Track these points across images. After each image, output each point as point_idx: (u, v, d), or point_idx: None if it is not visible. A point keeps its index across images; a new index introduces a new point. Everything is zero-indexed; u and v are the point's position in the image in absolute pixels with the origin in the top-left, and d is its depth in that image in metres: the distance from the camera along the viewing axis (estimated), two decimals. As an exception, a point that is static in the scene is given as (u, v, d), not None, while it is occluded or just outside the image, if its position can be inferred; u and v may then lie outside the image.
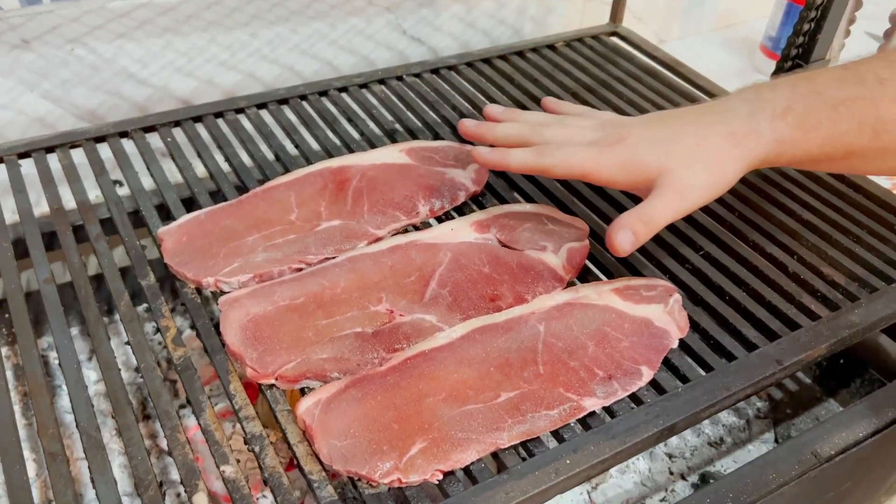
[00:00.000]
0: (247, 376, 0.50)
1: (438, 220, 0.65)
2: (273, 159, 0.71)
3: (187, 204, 0.65)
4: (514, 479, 0.45)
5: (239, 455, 0.64)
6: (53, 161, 0.67)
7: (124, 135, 0.71)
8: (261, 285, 0.56)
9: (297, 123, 0.75)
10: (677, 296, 0.57)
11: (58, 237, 0.61)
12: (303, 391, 0.50)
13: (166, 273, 0.58)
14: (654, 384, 0.52)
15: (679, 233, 0.64)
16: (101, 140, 0.70)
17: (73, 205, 0.64)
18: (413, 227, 0.63)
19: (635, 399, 0.51)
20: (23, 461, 0.46)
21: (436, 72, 0.83)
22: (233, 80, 0.85)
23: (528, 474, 0.46)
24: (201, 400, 0.49)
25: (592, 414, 0.50)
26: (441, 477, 0.45)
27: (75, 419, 0.48)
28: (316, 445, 0.46)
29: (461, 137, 0.64)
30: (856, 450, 0.57)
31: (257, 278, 0.56)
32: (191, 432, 0.67)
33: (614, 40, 0.92)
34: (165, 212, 0.64)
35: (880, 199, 0.69)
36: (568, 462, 0.46)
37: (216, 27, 0.81)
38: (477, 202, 0.67)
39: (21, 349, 0.52)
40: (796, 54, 0.81)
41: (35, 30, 0.72)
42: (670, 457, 0.71)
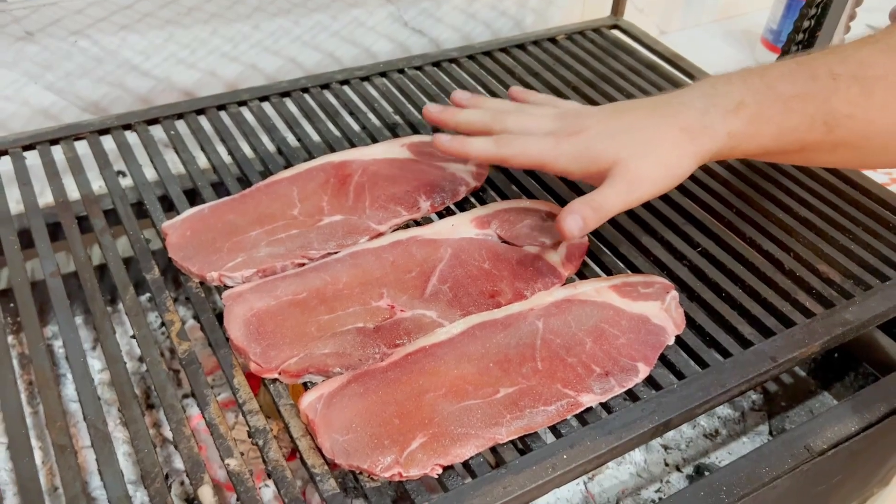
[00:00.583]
0: (250, 369, 0.51)
1: (439, 215, 0.65)
2: (275, 152, 0.72)
3: (190, 196, 0.66)
4: (512, 474, 0.46)
5: (242, 444, 0.65)
6: (58, 153, 0.68)
7: (128, 127, 0.71)
8: (264, 280, 0.56)
9: (299, 116, 0.75)
10: (674, 293, 0.57)
11: (62, 228, 0.62)
12: (305, 385, 0.51)
13: (169, 264, 0.59)
14: (650, 380, 0.53)
15: (676, 229, 0.65)
16: (104, 132, 0.70)
17: (76, 195, 0.65)
18: (414, 222, 0.64)
19: (632, 395, 0.52)
20: (31, 453, 0.47)
21: (437, 65, 0.84)
22: (235, 72, 0.85)
23: (525, 469, 0.47)
24: (206, 394, 0.50)
25: (589, 409, 0.50)
26: (440, 471, 0.46)
27: (83, 412, 0.49)
28: (319, 440, 0.47)
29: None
30: (848, 444, 0.58)
31: (260, 273, 0.57)
32: (194, 421, 0.68)
33: (615, 33, 0.92)
34: (168, 203, 0.65)
35: (876, 195, 0.69)
36: (565, 457, 0.47)
37: (218, 19, 0.81)
38: (477, 197, 0.67)
39: (29, 343, 0.53)
40: (796, 50, 0.81)
41: (39, 22, 0.73)
42: (666, 448, 0.72)
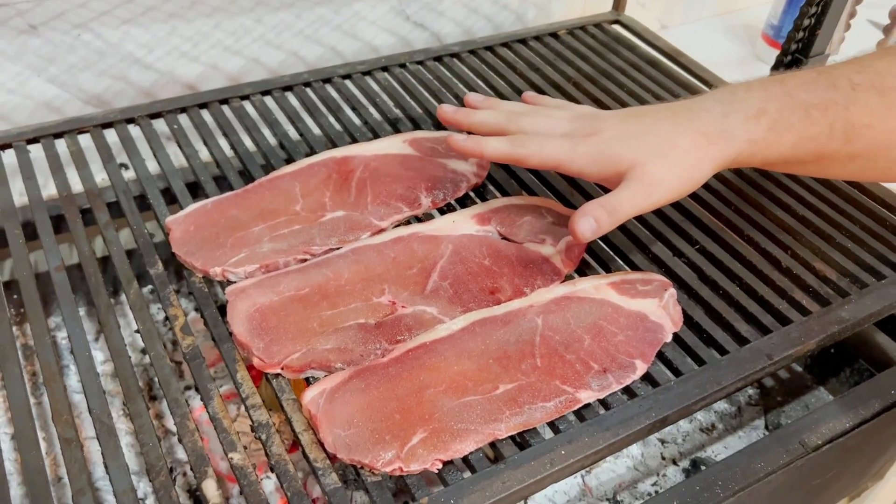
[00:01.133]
0: (252, 364, 0.52)
1: (440, 211, 0.66)
2: (277, 146, 0.72)
3: (192, 189, 0.66)
4: (510, 469, 0.47)
5: (244, 437, 0.66)
6: (61, 146, 0.68)
7: (131, 121, 0.71)
8: (267, 276, 0.57)
9: (301, 110, 0.75)
10: (672, 290, 0.58)
11: (66, 221, 0.63)
12: (307, 380, 0.52)
13: (172, 257, 0.60)
14: (647, 377, 0.53)
15: (675, 226, 0.65)
16: (108, 126, 0.71)
17: (80, 188, 0.65)
18: (415, 218, 0.64)
19: (629, 392, 0.52)
20: (38, 446, 0.48)
21: (439, 59, 0.84)
22: (237, 66, 0.85)
23: (524, 464, 0.47)
24: (209, 388, 0.51)
25: (587, 406, 0.51)
26: (441, 466, 0.47)
27: (88, 406, 0.50)
28: (321, 434, 0.47)
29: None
30: (842, 440, 0.59)
31: (263, 268, 0.58)
32: (196, 413, 0.69)
33: (616, 28, 0.92)
34: (171, 196, 0.66)
35: (875, 194, 0.70)
36: (563, 452, 0.48)
37: (221, 13, 0.81)
38: (478, 193, 0.68)
39: (34, 335, 0.54)
40: (796, 49, 0.82)
41: (42, 15, 0.73)
42: (663, 442, 0.73)
